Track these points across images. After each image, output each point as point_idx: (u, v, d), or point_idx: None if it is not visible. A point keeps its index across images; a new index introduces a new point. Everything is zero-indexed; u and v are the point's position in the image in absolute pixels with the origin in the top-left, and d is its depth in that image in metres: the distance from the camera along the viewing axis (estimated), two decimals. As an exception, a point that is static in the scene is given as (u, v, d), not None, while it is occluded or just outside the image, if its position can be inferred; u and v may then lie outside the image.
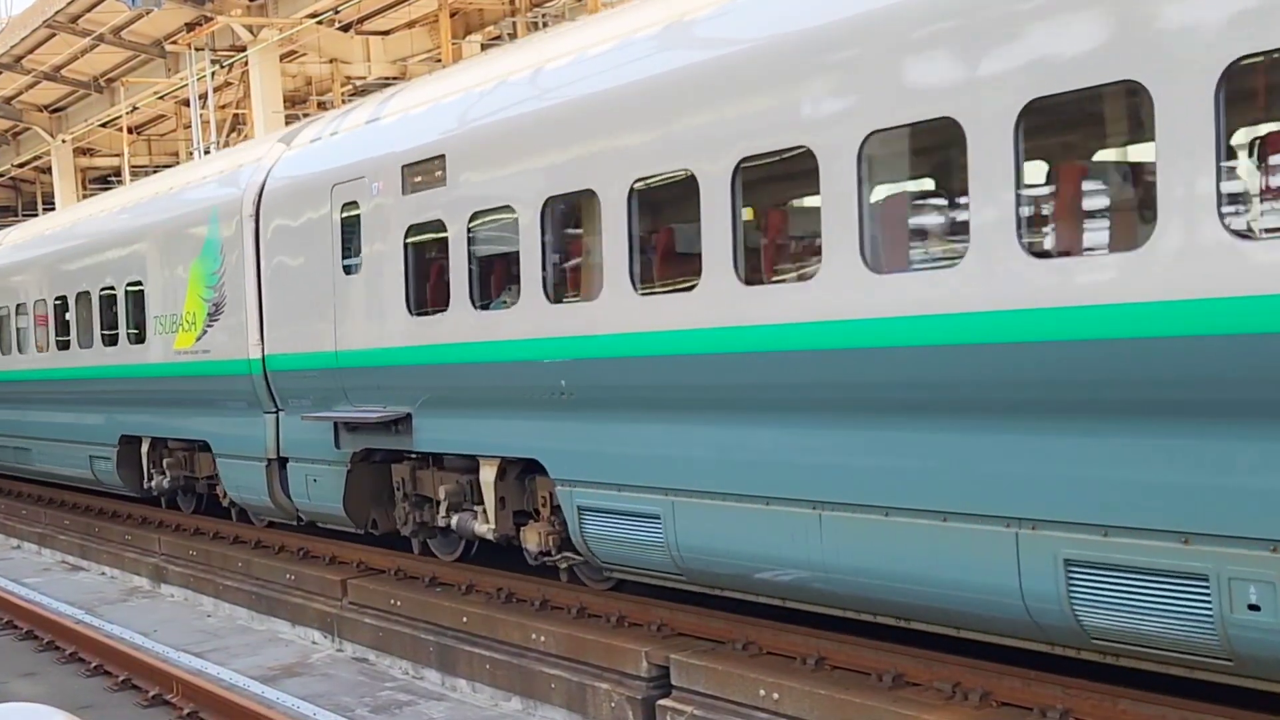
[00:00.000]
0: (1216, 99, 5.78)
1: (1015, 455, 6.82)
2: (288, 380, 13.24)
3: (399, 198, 11.24)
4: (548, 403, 9.76)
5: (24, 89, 38.74)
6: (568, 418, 9.67)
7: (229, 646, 12.46)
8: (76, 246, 18.81)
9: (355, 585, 12.37)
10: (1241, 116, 5.94)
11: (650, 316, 8.79)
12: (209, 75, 30.90)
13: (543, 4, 29.17)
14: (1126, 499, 6.33)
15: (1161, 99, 5.99)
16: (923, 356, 7.10)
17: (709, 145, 8.30)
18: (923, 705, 7.38)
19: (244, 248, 13.74)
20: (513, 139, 10.13)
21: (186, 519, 16.99)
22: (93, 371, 17.87)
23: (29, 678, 11.66)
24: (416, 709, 10.10)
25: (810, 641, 8.42)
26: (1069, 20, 6.35)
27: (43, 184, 48.02)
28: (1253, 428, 5.89)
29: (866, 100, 7.34)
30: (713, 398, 8.51)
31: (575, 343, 9.42)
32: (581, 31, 10.69)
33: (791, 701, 7.91)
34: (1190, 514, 6.11)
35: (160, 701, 10.52)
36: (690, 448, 8.69)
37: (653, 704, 8.75)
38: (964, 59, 6.84)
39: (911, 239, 7.74)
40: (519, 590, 10.92)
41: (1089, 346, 6.34)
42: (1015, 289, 6.61)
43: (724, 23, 8.57)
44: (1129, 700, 6.79)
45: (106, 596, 15.58)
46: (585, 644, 9.53)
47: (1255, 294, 5.67)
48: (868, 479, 7.53)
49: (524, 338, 9.81)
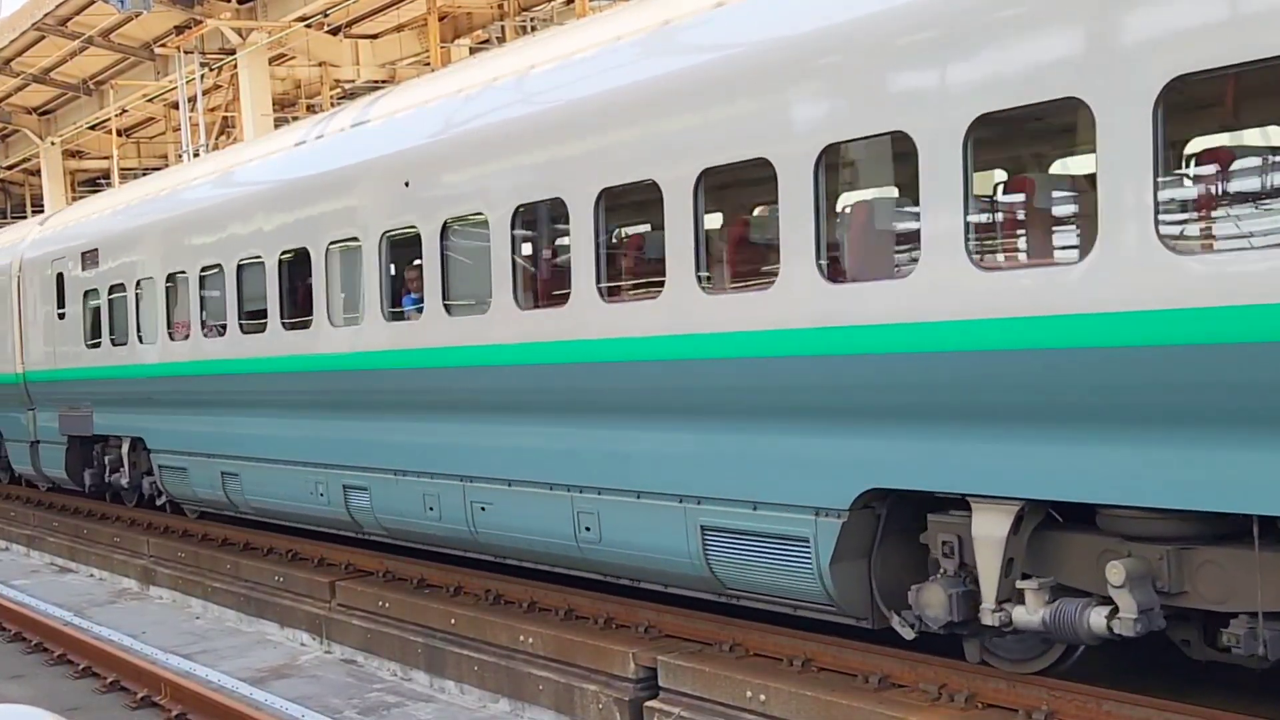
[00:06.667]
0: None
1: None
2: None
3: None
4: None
5: (13, 91, 38.67)
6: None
7: (217, 648, 12.48)
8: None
9: (344, 587, 12.39)
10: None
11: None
12: (198, 78, 30.87)
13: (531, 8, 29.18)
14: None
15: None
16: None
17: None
18: (909, 707, 7.43)
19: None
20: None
21: (175, 521, 17.00)
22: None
23: (17, 680, 11.66)
24: (405, 710, 10.12)
25: (797, 643, 8.46)
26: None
27: (31, 186, 47.90)
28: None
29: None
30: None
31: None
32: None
33: (778, 703, 7.95)
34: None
35: (149, 703, 10.54)
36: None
37: (640, 705, 8.79)
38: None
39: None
40: (507, 592, 10.95)
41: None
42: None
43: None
44: (1112, 702, 6.84)
45: (95, 598, 15.58)
46: (573, 646, 9.56)
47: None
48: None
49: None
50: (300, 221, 12.49)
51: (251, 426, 13.89)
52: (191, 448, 15.14)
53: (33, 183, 47.15)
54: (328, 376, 12.16)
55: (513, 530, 10.27)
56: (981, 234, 7.04)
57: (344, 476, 12.23)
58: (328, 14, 28.84)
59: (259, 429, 13.77)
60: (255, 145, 15.88)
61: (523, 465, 10.00)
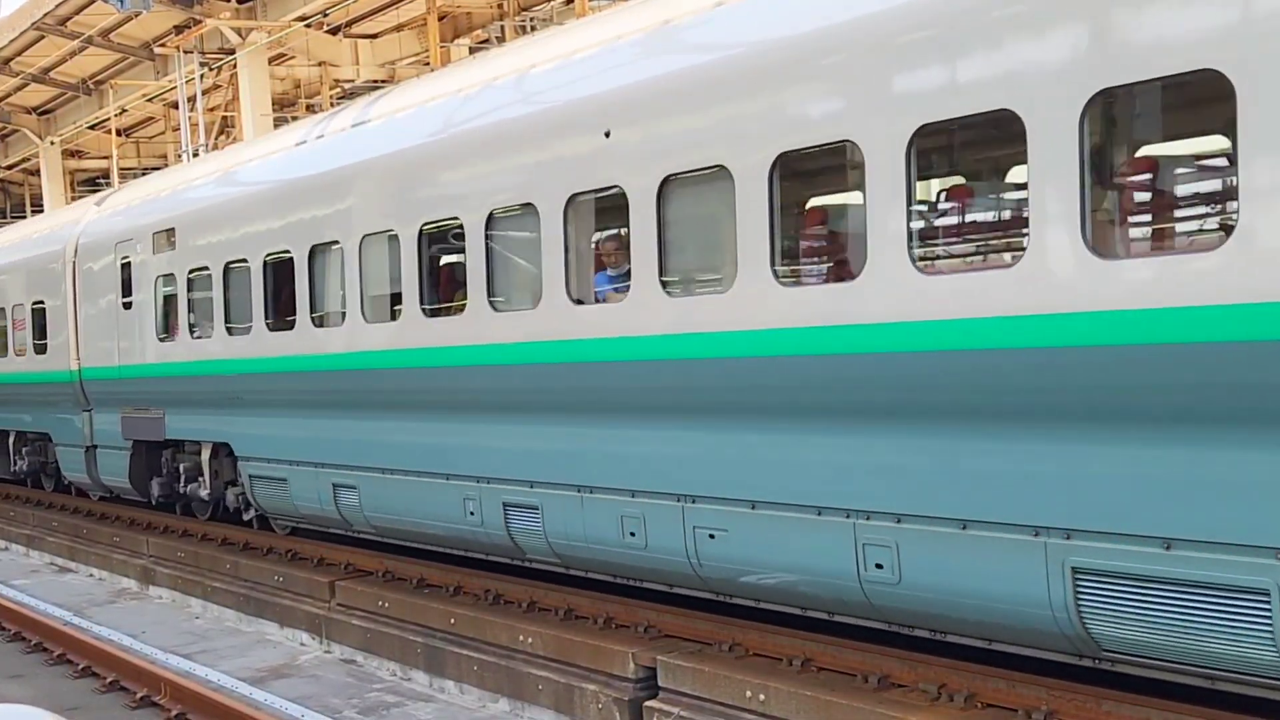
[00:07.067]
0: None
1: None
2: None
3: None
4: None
5: (12, 91, 38.66)
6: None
7: (217, 648, 12.48)
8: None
9: (343, 587, 12.39)
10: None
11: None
12: (198, 78, 30.85)
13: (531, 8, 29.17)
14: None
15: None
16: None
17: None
18: (908, 706, 7.43)
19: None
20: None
21: (174, 520, 17.00)
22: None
23: (17, 680, 11.67)
24: (404, 710, 10.12)
25: (796, 643, 8.46)
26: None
27: (31, 186, 47.89)
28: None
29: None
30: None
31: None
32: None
33: (778, 703, 7.95)
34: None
35: (148, 703, 10.54)
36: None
37: (640, 705, 8.79)
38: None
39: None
40: (507, 592, 10.95)
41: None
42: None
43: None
44: (1112, 702, 6.84)
45: (95, 598, 15.58)
46: (573, 645, 9.56)
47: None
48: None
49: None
50: (448, 190, 10.58)
51: (375, 431, 11.84)
52: (294, 455, 13.16)
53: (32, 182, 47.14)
54: (493, 372, 10.04)
55: (745, 562, 8.33)
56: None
57: (507, 491, 10.17)
58: (327, 14, 28.84)
59: (385, 434, 11.71)
60: (394, 96, 12.47)
61: (778, 481, 7.97)
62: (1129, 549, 6.23)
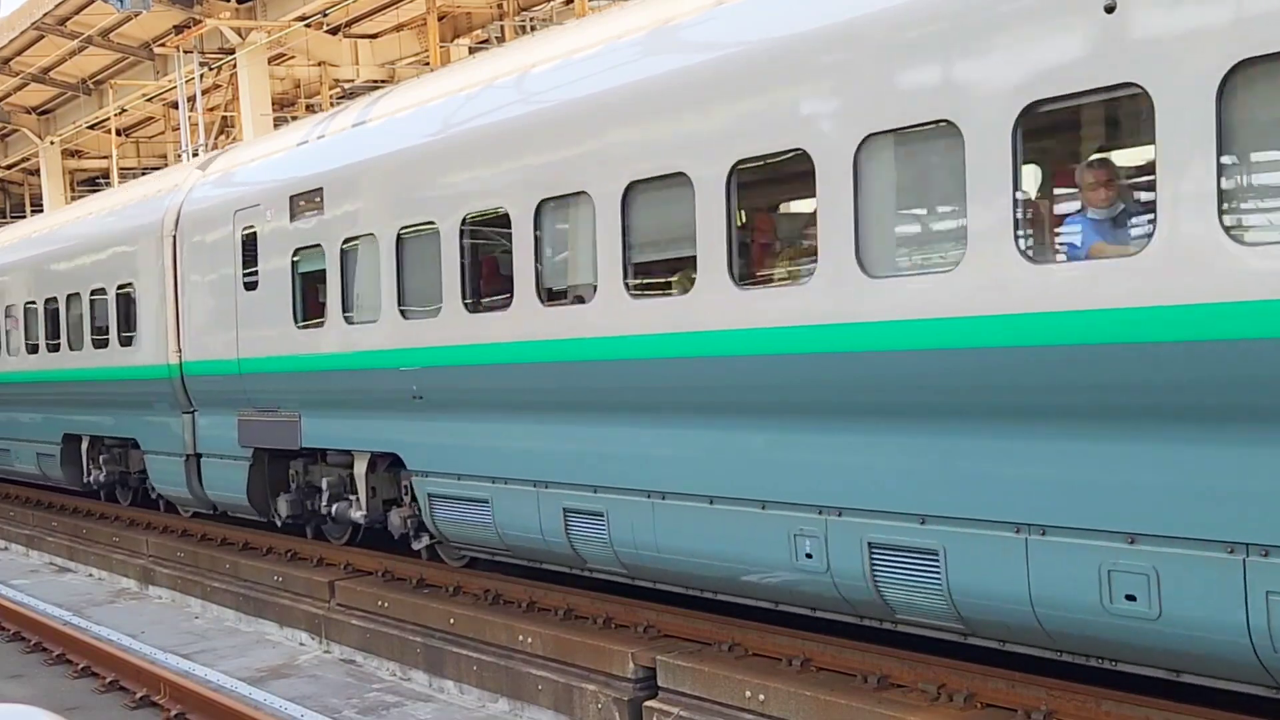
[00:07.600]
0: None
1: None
2: None
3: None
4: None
5: (12, 91, 38.66)
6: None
7: (216, 648, 12.47)
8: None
9: (343, 587, 12.38)
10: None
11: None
12: (197, 78, 30.85)
13: (531, 7, 29.19)
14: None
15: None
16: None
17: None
18: (908, 707, 7.43)
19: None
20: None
21: (174, 520, 16.98)
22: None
23: (16, 679, 11.66)
24: (404, 710, 10.12)
25: (796, 643, 8.46)
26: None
27: (30, 185, 47.89)
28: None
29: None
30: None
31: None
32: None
33: (777, 703, 7.94)
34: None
35: (148, 703, 10.54)
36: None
37: (639, 705, 8.79)
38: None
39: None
40: (506, 592, 10.95)
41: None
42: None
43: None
44: (1112, 702, 6.84)
45: (94, 598, 15.58)
46: (572, 645, 9.56)
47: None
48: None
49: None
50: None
51: (642, 442, 8.99)
52: (500, 471, 10.28)
53: (32, 182, 47.15)
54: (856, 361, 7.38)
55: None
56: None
57: (870, 527, 7.43)
58: (327, 14, 28.84)
59: (659, 446, 8.88)
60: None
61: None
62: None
